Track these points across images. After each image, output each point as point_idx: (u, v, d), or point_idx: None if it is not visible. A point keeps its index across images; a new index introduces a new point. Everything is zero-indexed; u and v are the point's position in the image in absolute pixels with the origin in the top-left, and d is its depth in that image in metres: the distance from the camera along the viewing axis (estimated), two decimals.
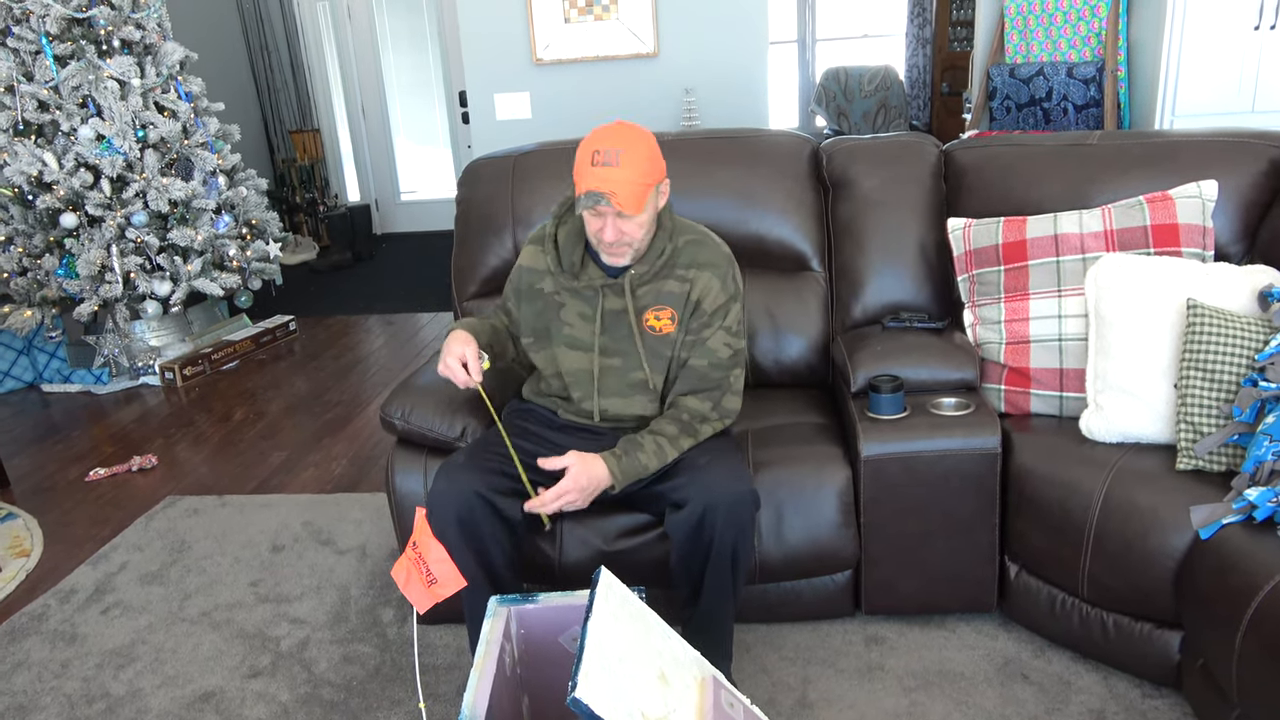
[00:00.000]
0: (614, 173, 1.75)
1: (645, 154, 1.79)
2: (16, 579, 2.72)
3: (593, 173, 1.77)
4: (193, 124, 4.34)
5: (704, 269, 1.94)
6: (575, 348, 1.98)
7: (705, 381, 1.94)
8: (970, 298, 2.31)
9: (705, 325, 1.94)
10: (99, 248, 4.03)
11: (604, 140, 1.79)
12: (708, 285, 1.93)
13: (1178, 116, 3.48)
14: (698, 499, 1.79)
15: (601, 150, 1.77)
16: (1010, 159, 2.44)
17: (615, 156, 1.75)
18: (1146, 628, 1.88)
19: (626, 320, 1.94)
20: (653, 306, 1.93)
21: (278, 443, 3.59)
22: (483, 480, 1.86)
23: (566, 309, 1.97)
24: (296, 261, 6.48)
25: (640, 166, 1.78)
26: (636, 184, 1.77)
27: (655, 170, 1.82)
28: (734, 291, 1.97)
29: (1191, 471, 1.86)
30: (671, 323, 1.93)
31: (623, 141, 1.78)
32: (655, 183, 1.83)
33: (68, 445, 3.71)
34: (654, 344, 1.94)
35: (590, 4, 4.33)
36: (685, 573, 1.86)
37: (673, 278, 1.93)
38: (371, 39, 7.01)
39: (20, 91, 3.97)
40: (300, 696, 2.13)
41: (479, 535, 1.84)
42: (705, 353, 1.93)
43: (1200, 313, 1.87)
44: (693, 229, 2.00)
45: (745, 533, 1.83)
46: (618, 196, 1.75)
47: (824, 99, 6.62)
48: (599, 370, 1.96)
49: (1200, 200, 2.13)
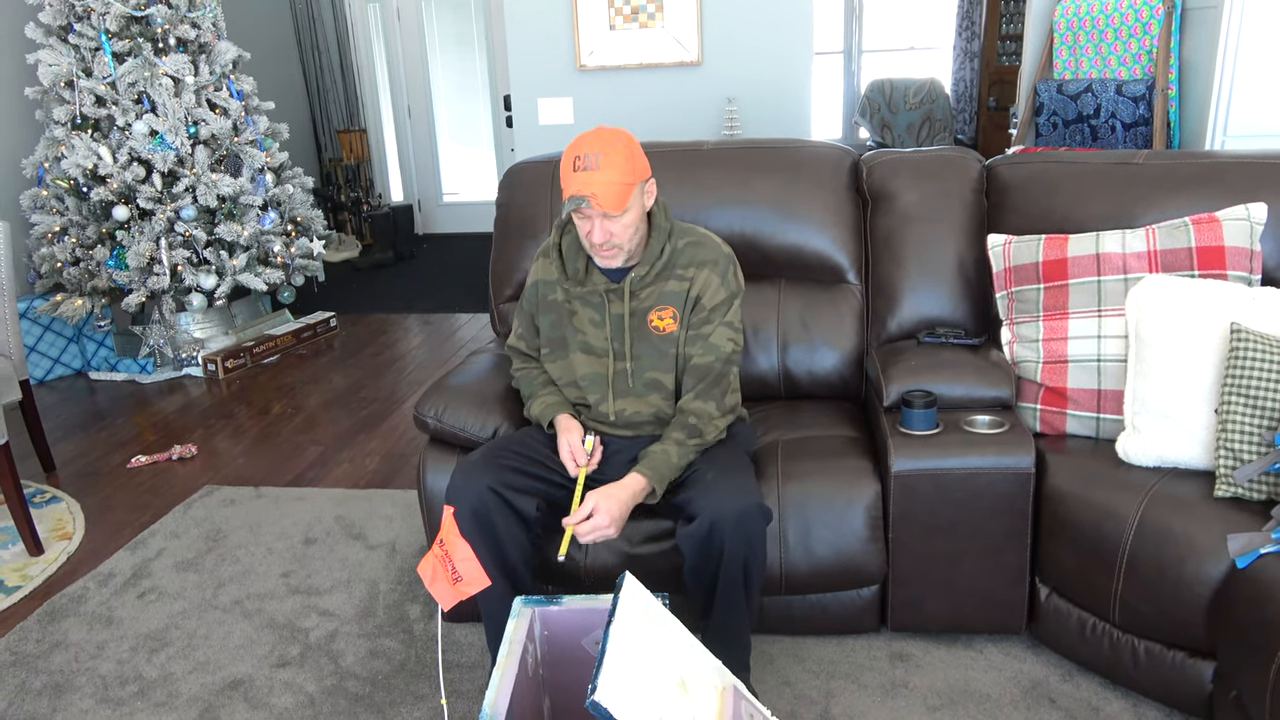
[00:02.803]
0: (594, 175, 1.81)
1: (624, 154, 1.84)
2: (58, 561, 2.79)
3: (575, 178, 1.83)
4: (243, 122, 4.43)
5: (703, 266, 1.98)
6: (589, 352, 2.03)
7: (709, 376, 1.97)
8: (1008, 315, 2.29)
9: (706, 320, 1.98)
10: (149, 240, 4.13)
11: (583, 146, 1.84)
12: (707, 281, 1.98)
13: (1229, 137, 3.41)
14: (706, 513, 1.80)
15: (581, 155, 1.83)
16: (1054, 176, 2.41)
17: (595, 160, 1.81)
18: (1179, 656, 1.85)
19: (632, 322, 1.98)
20: (655, 307, 1.98)
21: (314, 437, 3.64)
22: (497, 477, 1.89)
23: (578, 316, 2.03)
24: (339, 259, 6.58)
25: (619, 167, 1.83)
26: (616, 184, 1.82)
27: (636, 170, 1.87)
28: (735, 289, 2.01)
29: (1230, 499, 1.82)
30: (674, 321, 1.98)
31: (601, 145, 1.83)
32: (637, 181, 1.87)
33: (112, 432, 3.80)
34: (659, 343, 1.99)
35: (635, 11, 4.35)
36: (698, 585, 1.87)
37: (673, 278, 1.98)
38: (420, 41, 7.10)
39: (79, 87, 4.08)
40: (326, 688, 2.16)
41: (494, 532, 1.86)
42: (709, 348, 1.97)
43: (1244, 337, 1.84)
44: (692, 231, 2.04)
45: (755, 546, 1.83)
46: (599, 197, 1.81)
47: (868, 111, 6.59)
48: (613, 374, 2.01)
49: (1248, 223, 2.09)
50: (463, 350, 4.64)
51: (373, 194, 7.15)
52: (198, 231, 4.19)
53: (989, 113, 7.25)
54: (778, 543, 2.06)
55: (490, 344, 2.65)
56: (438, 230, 7.54)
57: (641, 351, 1.99)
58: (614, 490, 1.85)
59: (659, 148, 2.64)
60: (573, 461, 1.96)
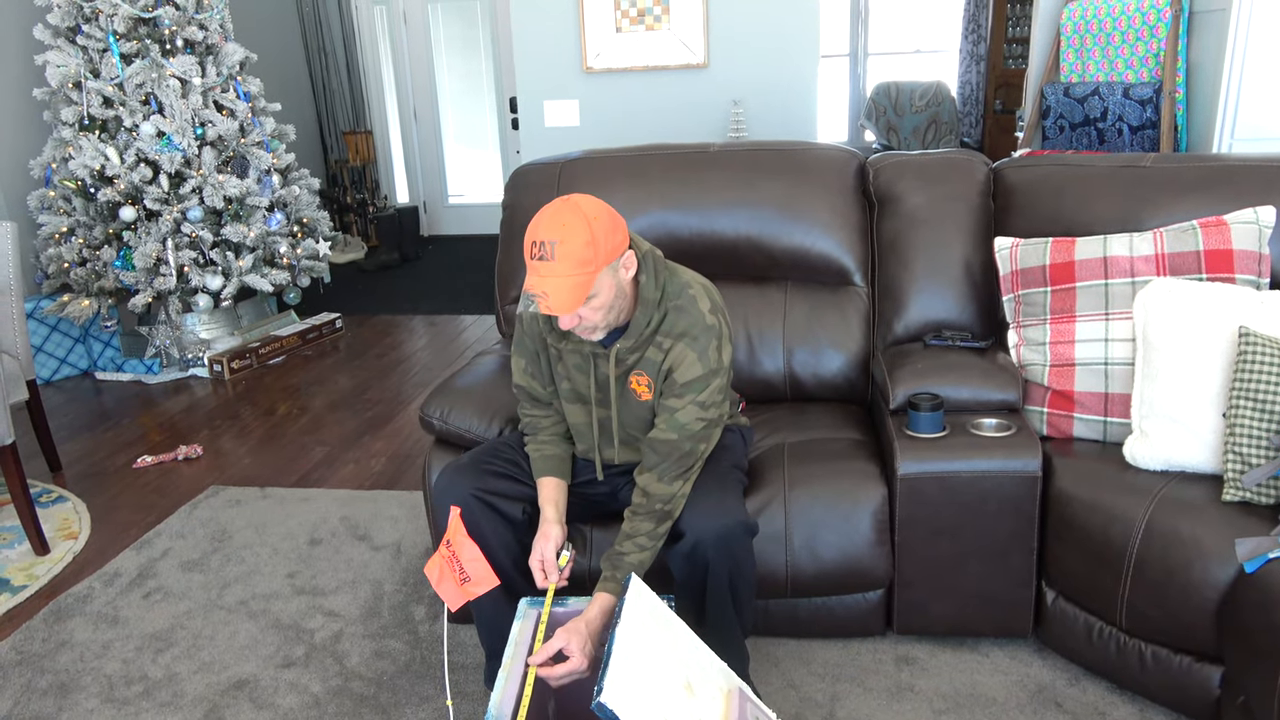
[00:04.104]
0: (547, 268, 1.63)
1: (583, 241, 1.62)
2: (64, 560, 2.79)
3: (531, 267, 1.66)
4: (250, 123, 4.44)
5: (680, 338, 1.80)
6: (575, 400, 1.94)
7: (673, 455, 1.80)
8: (1015, 318, 2.28)
9: (675, 395, 1.81)
10: (155, 241, 4.14)
11: (542, 229, 1.65)
12: (680, 356, 1.80)
13: (1237, 140, 3.40)
14: (689, 534, 1.79)
15: (537, 241, 1.64)
16: (1061, 179, 2.41)
17: (550, 249, 1.62)
18: (1186, 660, 1.84)
19: (617, 385, 1.89)
20: (634, 371, 1.85)
21: (320, 438, 3.65)
22: (480, 482, 1.87)
23: (564, 362, 1.92)
24: (345, 260, 6.59)
25: (575, 258, 1.62)
26: (570, 280, 1.63)
27: (600, 254, 1.65)
28: (714, 366, 1.80)
29: (1238, 503, 1.82)
30: (649, 390, 1.86)
31: (559, 229, 1.63)
32: (601, 268, 1.66)
33: (117, 432, 3.80)
34: (636, 407, 1.89)
35: (642, 14, 4.36)
36: (689, 600, 1.87)
37: (652, 344, 1.83)
38: (426, 44, 7.12)
39: (87, 88, 4.09)
40: (331, 688, 2.16)
41: (481, 535, 1.84)
42: (674, 425, 1.80)
43: (1252, 341, 1.83)
44: (681, 292, 1.83)
45: (740, 563, 1.82)
46: (548, 299, 1.64)
47: (874, 113, 6.58)
48: (598, 424, 1.94)
49: (1257, 226, 2.08)
50: (468, 351, 4.64)
51: (378, 195, 7.17)
52: (204, 232, 4.20)
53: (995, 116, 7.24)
54: (783, 545, 2.06)
55: (496, 345, 2.65)
56: (443, 232, 7.55)
57: (622, 408, 1.91)
58: (582, 625, 1.66)
59: (665, 150, 2.64)
60: (541, 573, 1.80)
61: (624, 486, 1.99)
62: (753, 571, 1.90)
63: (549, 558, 1.81)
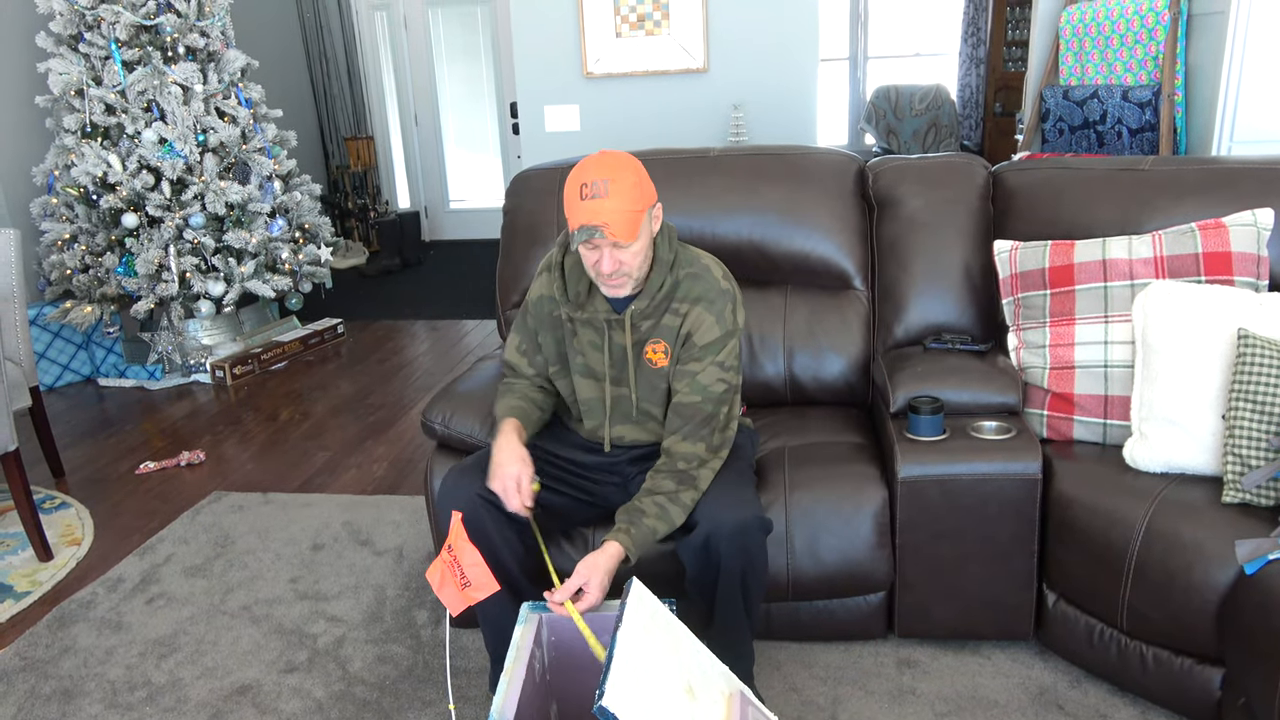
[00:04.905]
0: (604, 204, 1.72)
1: (633, 180, 1.75)
2: (68, 566, 2.80)
3: (583, 206, 1.73)
4: (251, 129, 4.45)
5: (697, 303, 1.88)
6: (589, 376, 1.97)
7: (697, 417, 1.86)
8: (1015, 321, 2.29)
9: (695, 359, 1.87)
10: (157, 247, 4.15)
11: (590, 172, 1.75)
12: (699, 319, 1.87)
13: (1236, 142, 3.41)
14: (703, 525, 1.79)
15: (589, 182, 1.73)
16: (1060, 182, 2.42)
17: (604, 187, 1.72)
18: (1187, 662, 1.84)
19: (634, 353, 1.92)
20: (650, 340, 1.91)
21: (322, 443, 3.65)
22: (486, 484, 1.87)
23: (579, 337, 1.95)
24: (346, 266, 6.60)
25: (629, 194, 1.74)
26: (627, 211, 1.73)
27: (645, 195, 1.78)
28: (731, 327, 1.89)
29: (1237, 505, 1.82)
30: (665, 356, 1.90)
31: (609, 171, 1.74)
32: (646, 207, 1.78)
33: (120, 439, 3.81)
34: (651, 376, 1.92)
35: (642, 19, 4.37)
36: (699, 594, 1.87)
37: (669, 311, 1.89)
38: (427, 49, 7.14)
39: (89, 95, 4.11)
40: (334, 693, 2.16)
41: (487, 538, 1.84)
42: (696, 387, 1.87)
43: (1251, 343, 1.84)
44: (694, 261, 1.93)
45: (754, 559, 1.83)
46: (611, 227, 1.72)
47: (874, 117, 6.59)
48: (611, 400, 1.96)
49: (1255, 228, 2.09)
50: (469, 356, 4.65)
51: (380, 201, 7.18)
52: (206, 239, 4.21)
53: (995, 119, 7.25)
54: (785, 549, 2.06)
55: (497, 350, 2.65)
56: (444, 237, 7.56)
57: (639, 380, 1.94)
58: (600, 560, 1.73)
59: (665, 155, 2.65)
60: (518, 497, 1.81)
61: (635, 477, 1.99)
62: (765, 569, 1.90)
63: (526, 483, 1.81)
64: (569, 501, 2.01)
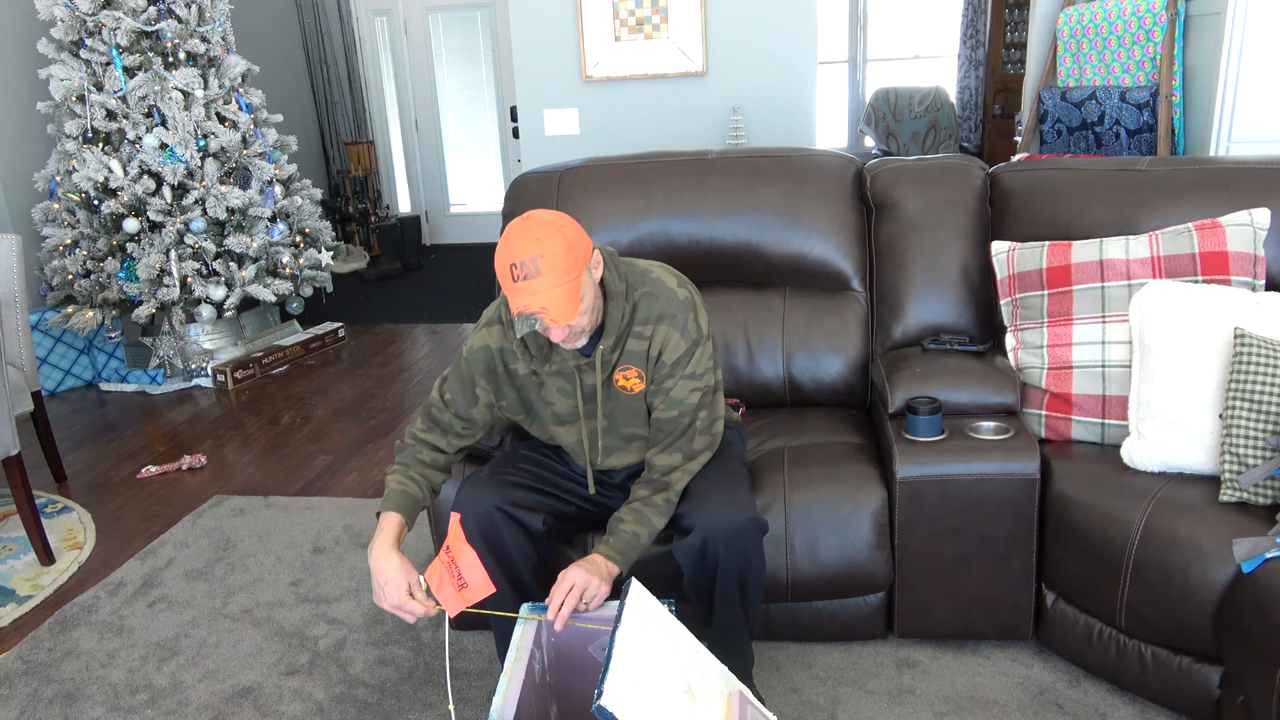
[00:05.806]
0: (538, 285, 1.63)
1: (562, 247, 1.64)
2: (69, 570, 2.81)
3: (517, 289, 1.65)
4: (252, 134, 4.47)
5: (660, 321, 1.84)
6: (563, 423, 1.95)
7: (675, 431, 1.88)
8: (1013, 322, 2.30)
9: (668, 376, 1.86)
10: (159, 252, 4.16)
11: (517, 249, 1.64)
12: (665, 337, 1.84)
13: (1234, 143, 3.41)
14: (699, 528, 1.80)
15: (518, 262, 1.64)
16: (1058, 183, 2.42)
17: (534, 266, 1.62)
18: (1186, 661, 1.85)
19: (604, 389, 1.90)
20: (619, 368, 1.87)
21: (323, 447, 3.66)
22: (503, 494, 1.89)
23: (546, 388, 1.91)
24: (347, 270, 6.61)
25: (560, 265, 1.64)
26: (563, 287, 1.64)
27: (578, 257, 1.68)
28: (696, 336, 1.86)
29: (1235, 504, 1.83)
30: (640, 380, 1.88)
31: (536, 245, 1.63)
32: (583, 269, 1.69)
33: (122, 443, 3.82)
34: (629, 402, 1.91)
35: (640, 23, 4.38)
36: (696, 597, 1.88)
37: (632, 335, 1.85)
38: (427, 54, 7.15)
39: (90, 101, 4.12)
40: (335, 696, 2.17)
41: (503, 548, 1.87)
42: (672, 403, 1.87)
43: (1248, 342, 1.84)
44: (645, 278, 1.87)
45: (750, 560, 1.83)
46: (550, 312, 1.65)
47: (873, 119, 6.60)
48: (587, 435, 1.94)
49: (1251, 228, 2.09)
50: None
51: (380, 205, 7.19)
52: (207, 243, 4.23)
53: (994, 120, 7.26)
54: (784, 549, 2.06)
55: None
56: (445, 241, 7.57)
57: (612, 410, 1.92)
58: (575, 566, 1.73)
59: (664, 157, 2.66)
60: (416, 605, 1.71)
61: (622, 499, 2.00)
62: (762, 570, 1.91)
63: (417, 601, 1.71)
64: (576, 510, 2.02)
